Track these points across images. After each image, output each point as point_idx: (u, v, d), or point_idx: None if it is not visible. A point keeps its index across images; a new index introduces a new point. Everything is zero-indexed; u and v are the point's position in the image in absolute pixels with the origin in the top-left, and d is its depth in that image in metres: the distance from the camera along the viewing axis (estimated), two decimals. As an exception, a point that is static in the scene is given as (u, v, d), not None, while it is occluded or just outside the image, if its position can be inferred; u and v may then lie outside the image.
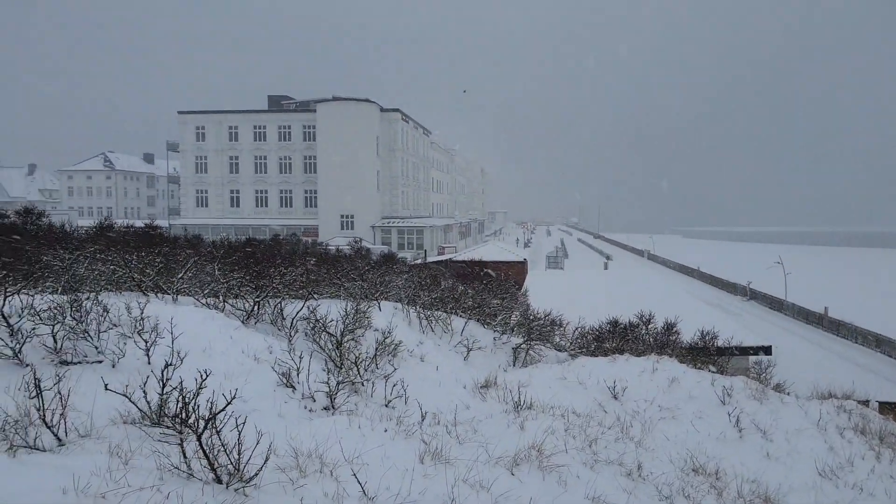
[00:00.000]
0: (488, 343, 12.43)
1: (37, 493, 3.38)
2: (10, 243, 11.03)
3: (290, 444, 5.14)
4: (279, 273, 11.32)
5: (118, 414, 5.51)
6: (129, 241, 13.28)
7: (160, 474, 3.96)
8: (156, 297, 10.28)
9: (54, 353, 6.89)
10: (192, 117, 68.30)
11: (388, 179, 66.11)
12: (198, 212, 68.55)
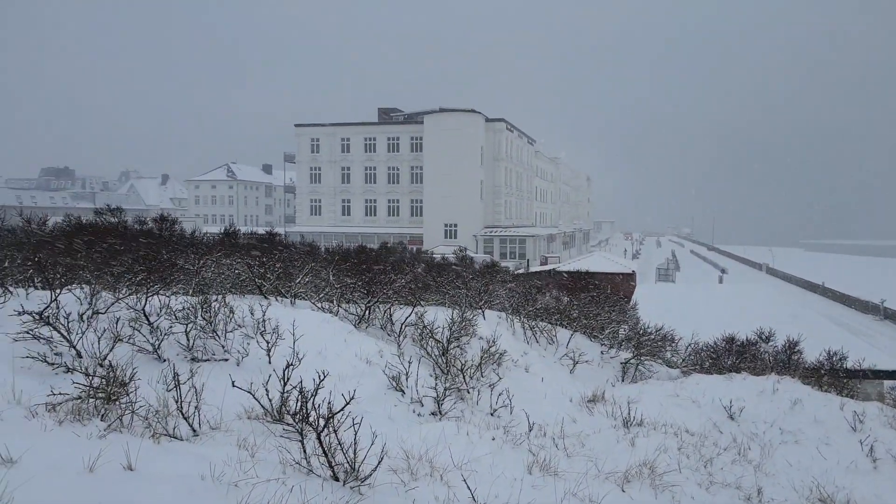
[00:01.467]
0: (595, 356, 12.18)
1: (179, 477, 3.68)
2: (150, 248, 12.05)
3: (401, 447, 5.28)
4: (389, 280, 11.66)
5: (243, 409, 5.89)
6: (252, 247, 14.13)
7: (283, 468, 4.20)
8: (275, 301, 10.88)
9: (187, 351, 7.46)
10: (307, 130, 71.79)
11: (492, 189, 66.37)
12: (311, 220, 71.83)
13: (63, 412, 4.99)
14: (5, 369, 5.84)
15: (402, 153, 68.80)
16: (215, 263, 11.90)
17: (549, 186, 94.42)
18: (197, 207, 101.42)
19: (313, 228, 68.10)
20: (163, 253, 11.54)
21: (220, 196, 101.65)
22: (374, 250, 21.33)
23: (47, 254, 9.34)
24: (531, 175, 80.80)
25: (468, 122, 63.22)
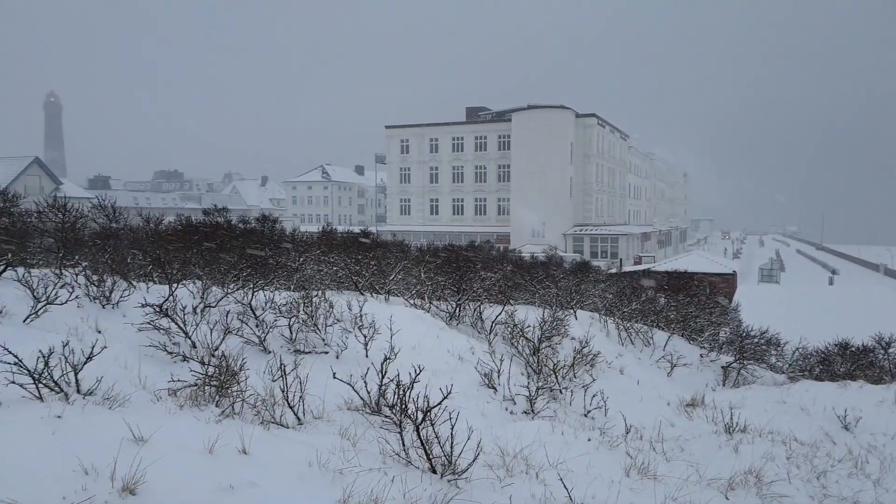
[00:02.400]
0: (694, 360, 11.76)
1: (289, 463, 3.89)
2: (254, 246, 12.69)
3: (496, 444, 5.32)
4: (479, 278, 11.73)
5: (343, 400, 6.12)
6: (349, 245, 14.60)
7: (383, 458, 4.34)
8: (371, 297, 11.20)
9: (290, 343, 7.83)
10: (397, 131, 73.16)
11: (582, 186, 65.21)
12: (401, 219, 73.19)
13: (183, 398, 5.37)
14: (132, 357, 6.34)
15: (490, 152, 68.80)
16: (315, 260, 12.39)
17: (643, 183, 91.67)
18: (294, 207, 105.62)
19: (403, 227, 69.35)
20: (266, 250, 12.13)
21: (315, 196, 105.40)
22: (463, 249, 21.49)
23: (165, 251, 10.03)
24: (624, 171, 78.75)
25: (557, 119, 62.40)
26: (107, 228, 11.13)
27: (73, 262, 9.20)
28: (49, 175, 58.68)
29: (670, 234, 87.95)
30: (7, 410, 4.23)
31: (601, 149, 67.89)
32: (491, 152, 68.83)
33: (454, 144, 70.59)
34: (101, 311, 7.77)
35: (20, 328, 6.61)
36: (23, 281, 7.55)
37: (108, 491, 3.22)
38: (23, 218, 10.88)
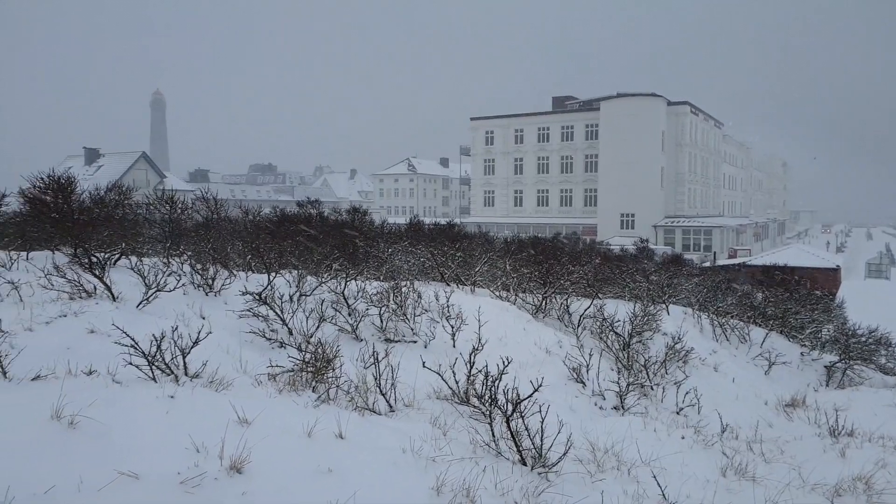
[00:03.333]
0: (794, 358, 11.15)
1: (383, 449, 4.01)
2: (346, 237, 13.07)
3: (586, 438, 5.26)
4: (566, 271, 11.57)
5: (432, 389, 6.21)
6: (435, 237, 14.76)
7: (473, 448, 4.39)
8: (456, 288, 11.29)
9: (381, 332, 8.02)
10: (482, 122, 73.07)
11: (674, 176, 62.93)
12: (485, 210, 73.18)
13: (281, 382, 5.62)
14: (234, 342, 6.69)
15: (577, 142, 67.54)
16: (402, 251, 12.62)
17: (738, 173, 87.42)
18: (381, 199, 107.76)
19: (487, 219, 69.34)
20: (357, 241, 12.46)
21: (401, 189, 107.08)
22: (548, 241, 21.27)
23: (264, 241, 10.49)
24: (718, 161, 75.37)
25: (648, 107, 60.44)
26: (209, 219, 11.76)
27: (178, 251, 9.80)
28: (154, 169, 62.56)
29: (767, 227, 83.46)
30: (126, 389, 4.57)
31: (694, 138, 65.24)
32: (578, 142, 67.56)
33: (540, 135, 69.77)
34: (205, 299, 8.23)
35: (134, 313, 7.11)
36: (135, 269, 8.11)
37: (218, 468, 3.43)
38: (134, 210, 11.67)
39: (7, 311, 6.14)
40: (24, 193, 9.14)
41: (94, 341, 5.97)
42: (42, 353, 5.30)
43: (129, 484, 3.23)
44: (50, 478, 3.18)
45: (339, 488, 3.34)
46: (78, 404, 3.92)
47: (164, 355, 5.23)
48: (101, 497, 3.10)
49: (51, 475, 3.21)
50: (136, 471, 3.32)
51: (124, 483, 3.23)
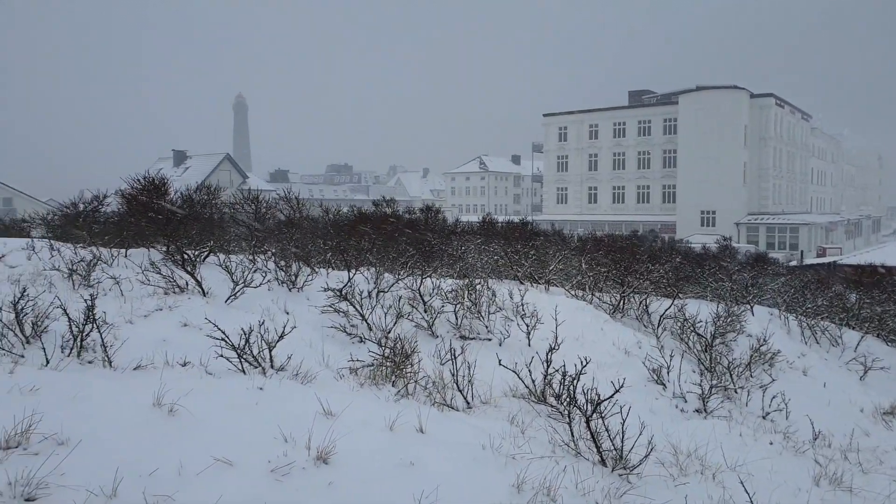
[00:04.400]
0: (893, 364, 10.49)
1: (462, 444, 4.05)
2: (418, 236, 13.24)
3: (668, 441, 5.14)
4: (645, 269, 11.31)
5: (508, 387, 6.22)
6: (508, 235, 14.74)
7: (552, 447, 4.37)
8: (530, 286, 11.23)
9: (456, 329, 8.09)
10: (555, 119, 72.22)
11: (757, 171, 60.24)
12: (558, 208, 72.32)
13: (362, 376, 5.77)
14: (316, 337, 6.92)
15: (654, 137, 65.71)
16: (476, 249, 12.67)
17: (828, 167, 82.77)
18: (453, 198, 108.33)
19: (559, 217, 68.50)
20: (431, 239, 12.60)
21: (472, 187, 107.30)
22: (626, 239, 20.81)
23: (344, 239, 10.77)
24: (806, 155, 71.61)
25: (729, 100, 58.09)
26: (291, 218, 12.17)
27: (263, 249, 10.21)
28: (237, 169, 65.18)
29: (860, 224, 78.59)
30: (219, 380, 4.81)
31: (779, 131, 62.25)
32: (655, 137, 65.74)
33: (615, 130, 68.32)
34: (288, 294, 8.54)
35: (223, 308, 7.45)
36: (223, 266, 8.50)
37: (305, 459, 3.56)
38: (220, 209, 12.23)
39: (110, 305, 6.57)
40: (123, 194, 9.76)
41: (187, 334, 6.30)
42: (141, 345, 5.65)
43: (224, 470, 3.40)
44: (153, 461, 3.39)
45: (422, 482, 3.40)
46: (176, 393, 4.16)
47: (252, 348, 5.47)
48: (199, 481, 3.28)
49: (153, 459, 3.42)
50: (230, 458, 3.49)
51: (220, 469, 3.40)
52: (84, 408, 3.96)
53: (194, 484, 3.24)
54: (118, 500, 3.06)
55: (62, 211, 11.82)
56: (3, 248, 8.54)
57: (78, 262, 7.85)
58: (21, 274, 7.67)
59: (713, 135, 57.74)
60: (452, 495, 3.29)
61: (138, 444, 3.58)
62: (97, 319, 5.16)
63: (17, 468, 3.16)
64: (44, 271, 7.83)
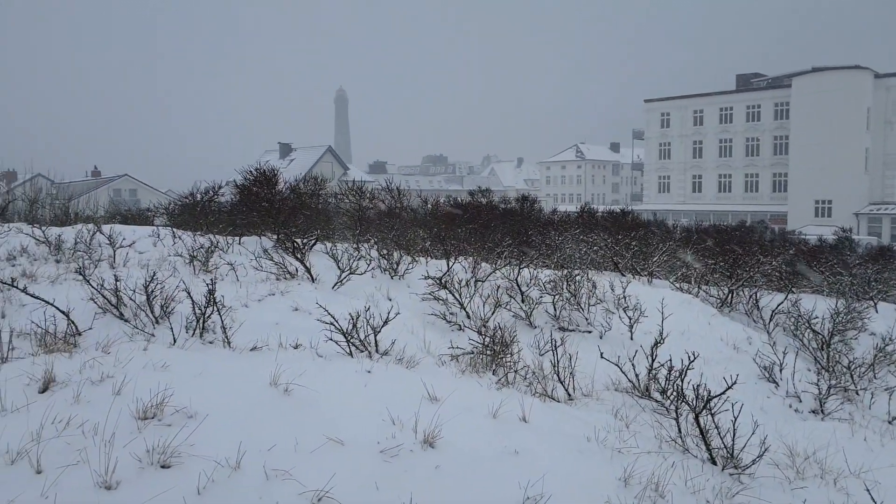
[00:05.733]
0: None
1: (566, 435, 4.04)
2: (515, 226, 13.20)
3: (782, 442, 4.89)
4: (756, 262, 10.74)
5: (610, 380, 6.11)
6: (608, 225, 14.41)
7: (659, 443, 4.26)
8: (632, 278, 10.94)
9: (554, 320, 8.02)
10: (657, 105, 69.62)
11: (881, 158, 55.52)
12: (659, 197, 69.83)
13: (463, 363, 5.85)
14: (417, 323, 7.07)
15: (764, 122, 61.97)
16: (574, 240, 12.48)
17: (966, 152, 74.99)
18: (547, 187, 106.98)
19: (661, 206, 66.12)
20: (528, 229, 12.53)
21: (568, 176, 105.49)
22: (733, 229, 19.80)
23: (443, 228, 10.92)
24: (940, 139, 65.28)
25: (850, 81, 53.79)
26: (392, 208, 12.46)
27: (366, 237, 10.52)
28: (339, 161, 67.25)
29: None
30: (329, 363, 5.02)
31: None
32: (765, 122, 62.02)
33: (722, 115, 65.02)
34: (390, 282, 8.77)
35: (330, 293, 7.76)
36: (329, 253, 8.83)
37: (412, 441, 3.66)
38: (326, 199, 12.69)
39: (227, 289, 7.00)
40: (237, 185, 10.34)
41: (297, 318, 6.62)
42: (256, 327, 5.98)
43: (335, 449, 3.56)
44: (271, 437, 3.60)
45: (527, 470, 3.42)
46: (290, 374, 4.39)
47: (358, 333, 5.67)
48: (313, 458, 3.44)
49: (271, 435, 3.63)
50: (341, 437, 3.65)
51: (332, 448, 3.56)
52: (208, 384, 4.26)
53: (309, 461, 3.41)
54: (241, 472, 3.27)
55: (181, 201, 12.67)
56: (133, 236, 9.27)
57: (197, 248, 8.40)
58: (149, 259, 8.30)
59: (831, 119, 53.76)
60: (558, 485, 3.29)
61: (257, 420, 3.81)
62: (217, 303, 5.51)
63: (153, 437, 3.45)
64: (168, 257, 8.44)
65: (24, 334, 5.59)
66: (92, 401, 3.89)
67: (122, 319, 5.82)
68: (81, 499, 2.97)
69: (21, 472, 3.20)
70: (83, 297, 6.21)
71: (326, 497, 3.06)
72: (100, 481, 3.07)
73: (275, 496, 3.08)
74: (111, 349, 4.80)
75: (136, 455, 3.29)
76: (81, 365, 4.42)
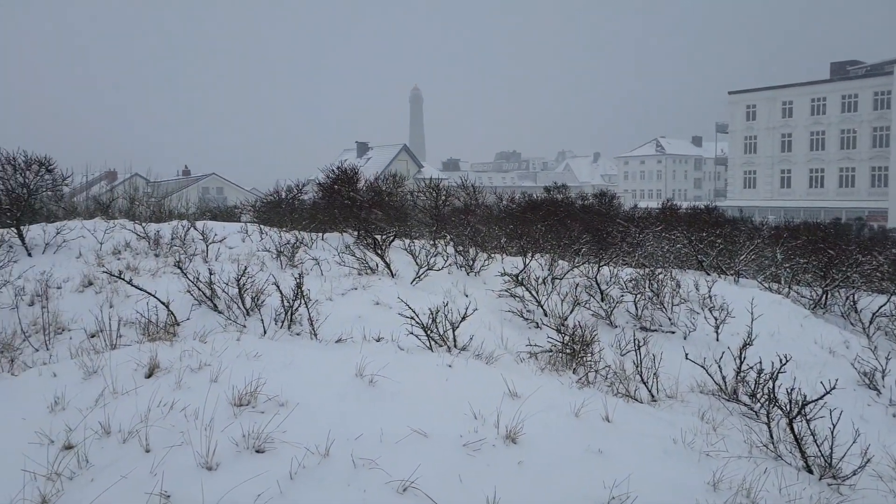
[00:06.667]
0: None
1: (651, 437, 3.96)
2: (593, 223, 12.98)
3: (886, 452, 4.61)
4: (854, 261, 10.14)
5: (695, 382, 5.93)
6: (692, 222, 13.96)
7: (749, 448, 4.11)
8: (718, 277, 10.56)
9: (636, 320, 7.85)
10: (742, 96, 66.69)
11: None
12: (744, 193, 66.91)
13: (542, 361, 5.83)
14: (494, 320, 7.08)
15: (862, 112, 58.23)
16: (655, 237, 12.16)
17: None
18: (625, 183, 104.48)
19: (747, 202, 63.31)
20: (607, 226, 12.30)
21: (647, 171, 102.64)
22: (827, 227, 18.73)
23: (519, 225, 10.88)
24: None
25: (963, 67, 49.80)
26: (468, 205, 12.53)
27: (442, 234, 10.62)
28: (413, 159, 68.08)
29: None
30: (411, 356, 5.11)
31: None
32: (863, 113, 58.30)
33: (814, 107, 61.59)
34: (467, 278, 8.82)
35: (409, 288, 7.89)
36: (408, 249, 8.97)
37: (495, 436, 3.69)
38: (403, 196, 12.90)
39: (312, 283, 7.24)
40: (320, 183, 10.67)
41: (378, 312, 6.77)
42: (340, 320, 6.17)
43: (419, 440, 3.63)
44: (357, 427, 3.70)
45: (611, 470, 3.37)
46: (374, 366, 4.50)
47: (438, 327, 5.75)
48: (398, 449, 3.52)
49: (358, 424, 3.74)
50: (425, 429, 3.71)
51: (416, 439, 3.63)
52: (297, 374, 4.43)
53: (394, 451, 3.49)
54: (330, 459, 3.38)
55: (267, 198, 13.18)
56: (223, 232, 9.72)
57: (284, 244, 8.72)
58: (238, 254, 8.69)
59: (940, 107, 49.93)
60: (644, 486, 3.23)
61: (344, 410, 3.93)
62: (304, 296, 5.71)
63: (248, 423, 3.62)
64: (256, 252, 8.81)
65: (129, 323, 5.99)
66: (192, 387, 4.13)
67: (216, 311, 6.13)
68: (186, 478, 3.16)
69: (132, 451, 3.44)
70: (180, 289, 6.57)
71: (412, 487, 3.13)
72: (201, 462, 3.26)
73: (362, 484, 3.17)
74: (207, 339, 5.06)
75: (233, 439, 3.47)
76: (181, 353, 4.69)
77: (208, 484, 3.10)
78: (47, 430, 3.64)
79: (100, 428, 3.63)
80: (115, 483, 3.10)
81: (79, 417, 3.77)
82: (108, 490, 3.06)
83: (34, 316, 6.26)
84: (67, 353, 5.41)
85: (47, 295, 6.72)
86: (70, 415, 3.84)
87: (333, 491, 3.13)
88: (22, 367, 5.14)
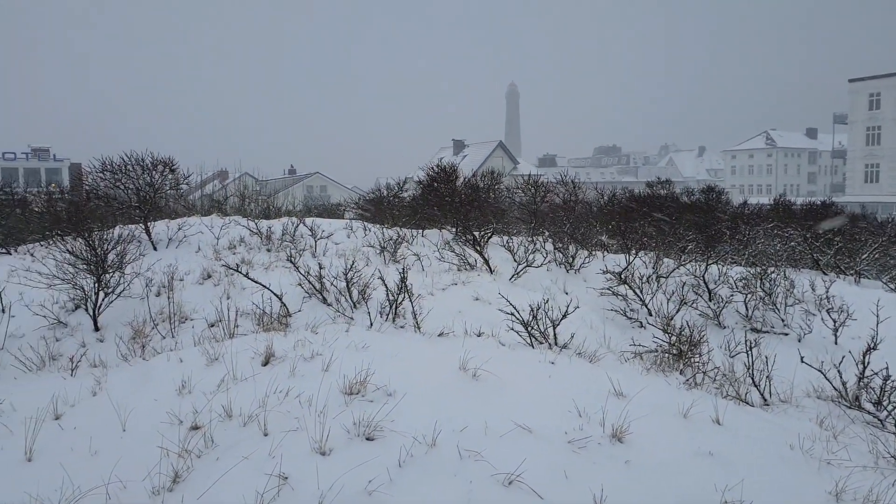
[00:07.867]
0: None
1: (765, 441, 3.79)
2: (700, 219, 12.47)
3: None
4: None
5: (811, 387, 5.60)
6: (807, 218, 13.14)
7: (875, 458, 3.85)
8: (836, 277, 9.90)
9: (746, 320, 7.50)
10: (864, 84, 61.77)
11: None
12: (865, 188, 62.02)
13: (648, 361, 5.70)
14: (596, 318, 6.99)
15: None
16: (768, 234, 11.55)
17: None
18: (732, 178, 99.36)
19: (869, 197, 58.64)
20: (716, 222, 11.79)
21: (757, 165, 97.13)
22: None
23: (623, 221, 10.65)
24: None
25: None
26: (567, 201, 12.39)
27: (540, 231, 10.57)
28: (509, 156, 67.85)
29: None
30: (512, 352, 5.15)
31: None
32: None
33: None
34: (566, 275, 8.74)
35: (507, 285, 7.92)
36: (506, 246, 9.01)
37: (600, 435, 3.66)
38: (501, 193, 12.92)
39: (414, 278, 7.42)
40: (419, 181, 10.89)
41: (478, 307, 6.86)
42: (442, 314, 6.30)
43: (523, 435, 3.66)
44: (462, 419, 3.78)
45: (723, 473, 3.27)
46: (476, 360, 4.57)
47: (538, 324, 5.75)
48: (502, 442, 3.57)
49: (462, 417, 3.81)
50: (529, 425, 3.74)
51: (520, 434, 3.66)
52: (403, 365, 4.58)
53: (499, 445, 3.54)
54: (437, 449, 3.48)
55: (370, 196, 13.60)
56: (330, 228, 10.13)
57: (387, 240, 8.98)
58: (345, 250, 9.04)
59: None
60: (759, 492, 3.11)
61: (449, 402, 4.03)
62: (408, 290, 5.88)
63: (358, 411, 3.79)
64: (361, 248, 9.12)
65: (245, 314, 6.38)
66: (305, 375, 4.36)
67: (325, 303, 6.42)
68: (301, 461, 3.35)
69: (251, 434, 3.68)
70: (291, 282, 6.93)
71: (517, 481, 3.17)
72: (315, 447, 3.44)
73: (468, 475, 3.25)
74: (318, 330, 5.32)
75: (344, 426, 3.64)
76: (294, 343, 4.96)
77: (322, 468, 3.27)
78: (176, 410, 3.97)
79: (222, 411, 3.92)
80: (238, 463, 3.34)
81: (203, 401, 4.08)
82: (232, 469, 3.29)
83: (160, 306, 6.80)
84: (191, 340, 5.85)
85: (172, 287, 7.26)
86: (196, 398, 4.16)
87: (440, 481, 3.22)
88: (152, 352, 5.60)
